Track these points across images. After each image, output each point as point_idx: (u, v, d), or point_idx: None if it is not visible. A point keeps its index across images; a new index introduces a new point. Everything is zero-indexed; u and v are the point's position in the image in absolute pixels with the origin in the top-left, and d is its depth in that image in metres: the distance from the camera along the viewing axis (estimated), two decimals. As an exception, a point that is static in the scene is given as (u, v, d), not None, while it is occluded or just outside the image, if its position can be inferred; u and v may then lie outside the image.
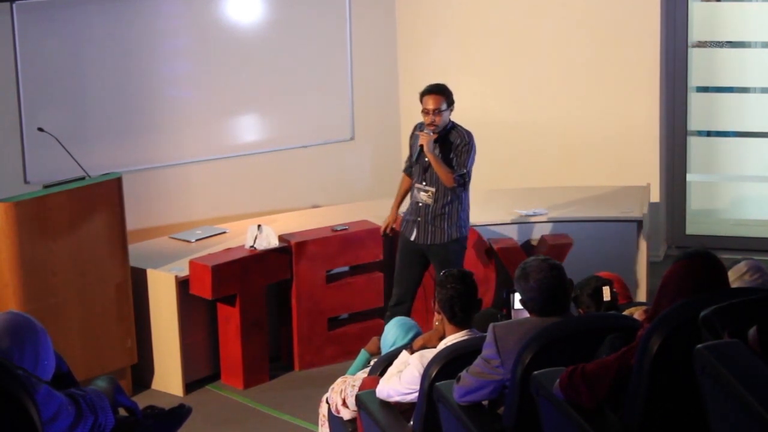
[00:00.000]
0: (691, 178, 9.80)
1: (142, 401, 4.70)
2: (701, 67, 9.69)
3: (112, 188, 7.33)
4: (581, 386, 3.99)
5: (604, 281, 5.49)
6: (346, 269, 8.10)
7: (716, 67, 9.75)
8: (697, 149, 9.84)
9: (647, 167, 9.35)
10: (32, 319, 3.44)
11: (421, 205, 7.32)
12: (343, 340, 7.97)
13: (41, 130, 7.62)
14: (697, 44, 9.63)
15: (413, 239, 7.36)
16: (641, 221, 8.22)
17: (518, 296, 4.74)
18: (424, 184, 7.30)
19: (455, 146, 7.21)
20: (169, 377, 7.63)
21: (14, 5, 8.04)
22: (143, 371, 7.67)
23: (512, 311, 5.64)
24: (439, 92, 7.18)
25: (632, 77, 9.36)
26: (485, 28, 9.62)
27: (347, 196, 9.32)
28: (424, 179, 7.30)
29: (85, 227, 7.19)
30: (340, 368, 7.13)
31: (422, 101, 7.20)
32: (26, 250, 6.94)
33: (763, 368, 3.29)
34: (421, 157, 7.25)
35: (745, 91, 9.91)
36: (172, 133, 8.81)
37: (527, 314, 4.70)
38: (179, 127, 8.84)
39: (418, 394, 5.04)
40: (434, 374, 4.88)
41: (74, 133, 8.14)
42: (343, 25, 9.40)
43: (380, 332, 6.21)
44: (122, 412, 3.64)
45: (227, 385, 7.71)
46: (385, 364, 5.59)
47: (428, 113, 7.16)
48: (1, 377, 3.12)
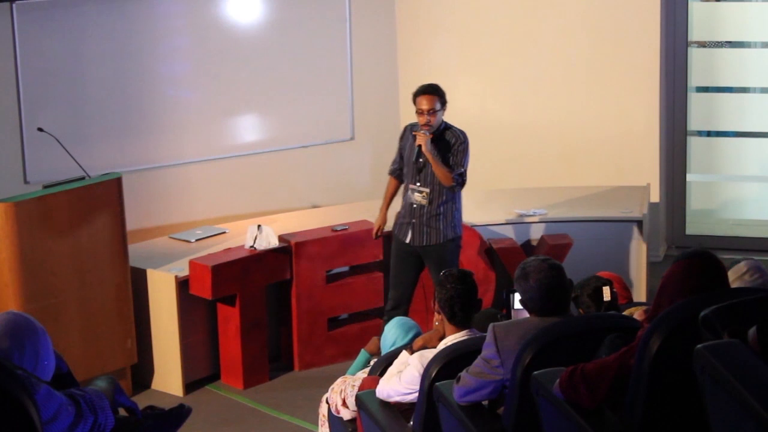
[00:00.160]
0: (691, 178, 9.79)
1: (142, 401, 4.71)
2: (701, 67, 9.69)
3: (112, 188, 7.33)
4: (581, 386, 3.99)
5: (604, 281, 5.49)
6: (346, 269, 8.09)
7: (716, 67, 9.75)
8: (697, 149, 9.84)
9: (647, 167, 9.35)
10: (32, 319, 3.44)
11: (415, 206, 7.27)
12: (342, 340, 7.96)
13: (41, 130, 7.61)
14: (697, 44, 9.64)
15: (408, 241, 7.31)
16: (641, 221, 8.22)
17: (518, 296, 4.74)
18: (418, 185, 7.26)
19: (452, 146, 7.20)
20: (169, 377, 7.63)
21: (14, 5, 8.03)
22: (143, 371, 7.67)
23: (512, 311, 5.64)
24: (432, 92, 7.16)
25: (632, 77, 9.36)
26: (485, 28, 9.61)
27: (347, 196, 9.32)
28: (418, 180, 7.26)
29: (85, 227, 7.19)
30: (340, 368, 7.13)
31: (416, 102, 7.18)
32: (26, 250, 6.94)
33: (763, 368, 3.29)
34: (417, 157, 7.21)
35: (744, 91, 9.91)
36: (172, 133, 8.81)
37: (527, 314, 4.69)
38: (179, 127, 8.84)
39: (418, 394, 5.04)
40: (434, 374, 4.88)
41: (74, 133, 8.14)
42: (343, 25, 9.40)
43: (380, 332, 6.21)
44: (122, 412, 3.65)
45: (227, 385, 7.71)
46: (385, 364, 5.59)
47: (423, 113, 7.14)
48: (1, 377, 3.12)
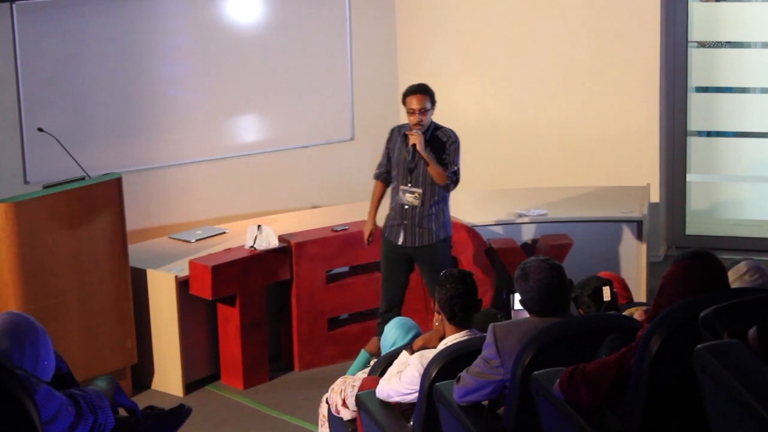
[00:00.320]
0: (691, 178, 9.79)
1: (142, 401, 4.71)
2: (701, 67, 9.69)
3: (112, 188, 7.33)
4: (581, 386, 3.98)
5: (604, 281, 5.49)
6: (346, 269, 8.09)
7: (716, 67, 9.75)
8: (697, 149, 9.83)
9: (647, 167, 9.35)
10: (32, 319, 3.44)
11: (407, 207, 7.24)
12: (342, 340, 7.96)
13: (41, 130, 7.61)
14: (697, 44, 9.64)
15: (401, 243, 7.28)
16: (641, 221, 8.22)
17: (518, 296, 4.74)
18: (409, 185, 7.23)
19: (445, 145, 7.20)
20: (169, 377, 7.63)
21: (14, 5, 8.03)
22: (143, 371, 7.67)
23: (512, 311, 5.64)
24: (422, 92, 7.16)
25: (632, 77, 9.36)
26: (485, 28, 9.61)
27: (347, 196, 9.31)
28: (409, 181, 7.24)
29: (85, 227, 7.19)
30: (340, 368, 7.13)
31: (406, 102, 7.17)
32: (26, 250, 6.93)
33: (763, 368, 3.29)
34: (412, 157, 7.20)
35: (744, 91, 9.91)
36: (172, 133, 8.81)
37: (527, 314, 4.69)
38: (179, 127, 8.84)
39: (418, 394, 5.04)
40: (434, 374, 4.88)
41: (74, 133, 8.14)
42: (343, 25, 9.40)
43: (377, 333, 6.21)
44: (122, 412, 3.64)
45: (227, 385, 7.71)
46: (385, 364, 5.59)
47: (414, 113, 7.13)
48: (1, 377, 3.12)
